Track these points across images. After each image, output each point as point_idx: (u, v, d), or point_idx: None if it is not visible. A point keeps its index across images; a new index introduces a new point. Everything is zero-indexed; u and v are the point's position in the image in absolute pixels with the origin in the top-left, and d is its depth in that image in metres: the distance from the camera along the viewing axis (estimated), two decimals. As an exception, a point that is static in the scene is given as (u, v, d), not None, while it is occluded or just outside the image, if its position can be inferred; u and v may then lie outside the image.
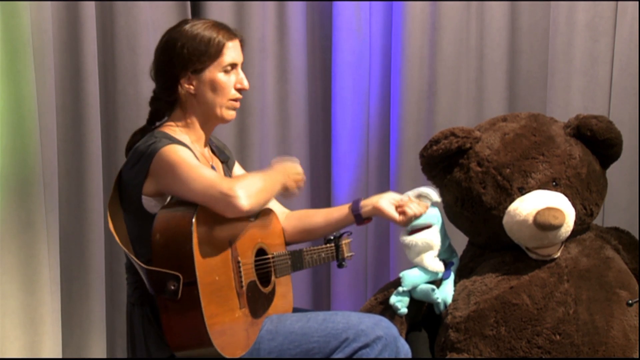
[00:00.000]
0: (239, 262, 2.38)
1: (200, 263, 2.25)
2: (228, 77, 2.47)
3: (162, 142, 2.35)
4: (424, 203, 2.69)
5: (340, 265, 2.78)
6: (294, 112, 3.68)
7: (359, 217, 2.64)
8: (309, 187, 3.70)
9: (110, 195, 2.44)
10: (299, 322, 2.42)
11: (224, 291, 2.32)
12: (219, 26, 2.47)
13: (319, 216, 2.70)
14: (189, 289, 2.23)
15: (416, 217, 2.66)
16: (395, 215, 2.64)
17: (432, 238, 2.76)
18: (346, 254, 2.77)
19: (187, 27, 2.45)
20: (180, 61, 2.42)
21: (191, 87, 2.45)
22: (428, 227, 2.76)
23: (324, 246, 2.73)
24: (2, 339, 3.03)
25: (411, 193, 2.77)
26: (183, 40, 2.42)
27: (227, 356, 2.27)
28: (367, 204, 2.65)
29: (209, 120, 2.50)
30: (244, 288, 2.38)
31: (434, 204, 2.78)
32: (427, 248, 2.76)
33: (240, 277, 2.38)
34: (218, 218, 2.31)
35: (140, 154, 2.37)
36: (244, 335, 2.36)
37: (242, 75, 2.49)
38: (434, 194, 2.76)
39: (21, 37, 3.01)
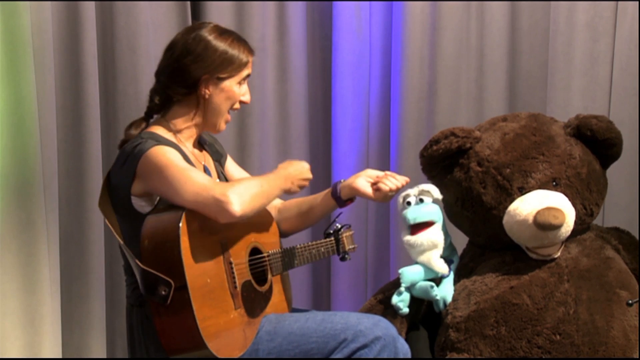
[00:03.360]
0: (231, 262, 2.38)
1: (190, 267, 2.24)
2: (239, 88, 2.49)
3: (149, 144, 2.34)
4: (402, 177, 2.67)
5: (343, 259, 2.76)
6: (294, 112, 3.68)
7: (339, 199, 2.65)
8: (309, 187, 3.69)
9: (100, 195, 2.43)
10: (297, 322, 2.42)
11: (216, 293, 2.31)
12: (243, 40, 2.50)
13: (306, 204, 2.69)
14: (179, 294, 2.22)
15: (392, 191, 2.64)
16: (370, 192, 2.63)
17: (436, 237, 2.77)
18: (347, 247, 2.76)
19: (217, 32, 2.46)
20: (210, 65, 2.43)
21: (207, 91, 2.45)
22: (430, 224, 2.77)
23: (323, 241, 2.72)
24: (2, 339, 3.03)
25: (413, 190, 2.79)
26: (220, 47, 2.43)
27: (224, 357, 2.26)
28: (345, 185, 2.65)
29: (206, 125, 2.51)
30: (238, 288, 2.38)
31: (434, 201, 2.79)
32: (432, 247, 2.76)
33: (234, 277, 2.37)
34: (207, 221, 2.30)
35: (126, 155, 2.37)
36: (241, 335, 2.36)
37: (247, 88, 2.52)
38: (435, 191, 2.78)
39: (21, 37, 3.01)
